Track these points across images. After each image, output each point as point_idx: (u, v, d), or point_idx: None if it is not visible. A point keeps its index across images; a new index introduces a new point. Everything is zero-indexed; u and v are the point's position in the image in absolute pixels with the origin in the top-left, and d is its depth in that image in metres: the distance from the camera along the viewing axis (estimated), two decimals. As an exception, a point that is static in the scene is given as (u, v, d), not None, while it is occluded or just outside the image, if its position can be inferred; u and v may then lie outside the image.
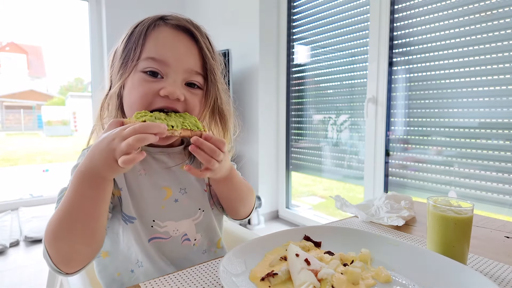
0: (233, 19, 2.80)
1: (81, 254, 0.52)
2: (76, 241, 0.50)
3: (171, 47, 0.62)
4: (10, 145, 9.76)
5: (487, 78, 1.54)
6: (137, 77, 0.61)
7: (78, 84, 13.44)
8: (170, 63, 0.61)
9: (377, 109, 2.00)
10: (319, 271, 0.48)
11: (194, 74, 0.64)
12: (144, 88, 0.60)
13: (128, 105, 0.63)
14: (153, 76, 0.61)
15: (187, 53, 0.63)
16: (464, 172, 1.64)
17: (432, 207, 0.59)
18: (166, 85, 0.60)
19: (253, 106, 2.64)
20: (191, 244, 0.68)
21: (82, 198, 0.49)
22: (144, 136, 0.45)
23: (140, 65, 0.61)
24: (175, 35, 0.63)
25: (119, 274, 0.66)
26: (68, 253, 0.51)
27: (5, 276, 1.83)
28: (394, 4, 1.89)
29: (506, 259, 0.61)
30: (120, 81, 0.62)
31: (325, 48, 2.34)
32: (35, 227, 2.48)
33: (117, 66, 0.64)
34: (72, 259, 0.52)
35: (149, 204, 0.65)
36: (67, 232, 0.49)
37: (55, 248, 0.50)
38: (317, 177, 2.57)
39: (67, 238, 0.50)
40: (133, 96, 0.61)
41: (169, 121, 0.54)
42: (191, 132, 0.56)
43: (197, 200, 0.70)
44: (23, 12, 9.35)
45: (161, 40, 0.62)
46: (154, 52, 0.61)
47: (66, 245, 0.50)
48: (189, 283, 0.51)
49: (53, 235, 0.50)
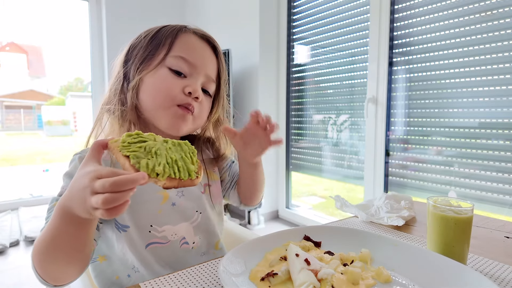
0: (233, 19, 2.80)
1: (68, 274, 0.52)
2: (61, 265, 0.50)
3: (199, 52, 0.67)
4: (10, 145, 9.76)
5: (487, 78, 1.54)
6: (162, 72, 0.64)
7: (78, 84, 13.43)
8: (197, 65, 0.66)
9: (377, 109, 2.00)
10: (319, 271, 0.48)
11: (211, 81, 0.70)
12: (169, 83, 0.64)
13: (151, 97, 0.64)
14: (178, 75, 0.65)
15: (210, 60, 0.69)
16: (464, 172, 1.64)
17: (432, 207, 0.59)
18: (190, 83, 0.64)
19: (253, 106, 2.64)
20: (190, 248, 0.69)
21: (64, 233, 0.46)
22: (114, 197, 0.38)
23: (168, 61, 0.64)
24: (201, 42, 0.69)
25: (118, 277, 0.65)
26: (55, 274, 0.51)
27: (5, 276, 1.83)
28: (394, 4, 1.89)
29: (506, 259, 0.61)
30: (141, 74, 0.64)
31: (325, 48, 2.34)
32: (35, 227, 2.48)
33: (138, 60, 0.65)
34: (60, 278, 0.51)
35: (145, 209, 0.65)
36: (51, 258, 0.49)
37: (41, 268, 0.50)
38: (317, 177, 2.57)
39: (52, 262, 0.49)
40: (159, 88, 0.64)
41: (161, 158, 0.44)
42: (178, 182, 0.44)
43: (194, 202, 0.70)
44: (23, 12, 9.35)
45: (190, 44, 0.67)
46: (184, 53, 0.65)
47: (52, 267, 0.50)
48: (189, 283, 0.51)
49: (39, 257, 0.49)
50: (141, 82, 0.65)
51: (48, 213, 0.57)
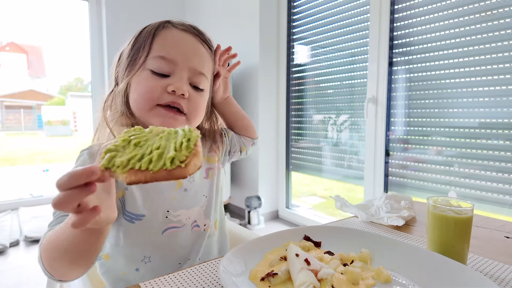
0: (233, 19, 2.80)
1: (75, 273, 0.52)
2: (69, 267, 0.50)
3: (179, 46, 0.64)
4: (10, 145, 9.76)
5: (487, 78, 1.54)
6: (144, 75, 0.63)
7: (78, 84, 13.43)
8: (178, 61, 0.63)
9: (377, 109, 2.00)
10: (319, 271, 0.48)
11: (198, 74, 0.66)
12: (150, 83, 0.62)
13: (135, 101, 0.64)
14: (160, 74, 0.63)
15: (193, 52, 0.66)
16: (464, 172, 1.64)
17: (432, 207, 0.59)
18: (173, 81, 0.62)
19: (253, 106, 2.64)
20: (201, 230, 0.71)
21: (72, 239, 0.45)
22: (65, 196, 0.34)
23: (148, 63, 0.63)
24: (182, 35, 0.66)
25: (125, 273, 0.66)
26: (62, 271, 0.50)
27: (5, 276, 1.83)
28: (394, 4, 1.89)
29: (506, 259, 0.61)
30: (127, 78, 0.64)
31: (325, 48, 2.34)
32: (35, 227, 2.48)
33: (124, 65, 0.66)
34: (66, 275, 0.51)
35: (161, 197, 0.67)
36: (60, 260, 0.48)
37: (49, 266, 0.50)
38: (317, 177, 2.57)
39: (60, 264, 0.49)
40: (140, 92, 0.63)
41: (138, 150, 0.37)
42: (146, 174, 0.35)
43: (201, 187, 0.73)
44: (23, 12, 9.35)
45: (169, 40, 0.65)
46: (163, 51, 0.63)
47: (60, 267, 0.50)
48: (189, 283, 0.51)
49: (46, 255, 0.49)
50: (128, 86, 0.65)
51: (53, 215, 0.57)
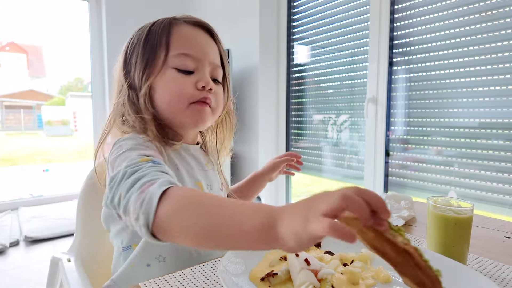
0: (233, 19, 2.80)
1: (184, 242, 0.42)
2: (196, 236, 0.40)
3: (197, 42, 0.65)
4: (10, 145, 9.76)
5: (487, 78, 1.54)
6: (170, 74, 0.62)
7: (78, 84, 13.44)
8: (200, 57, 0.64)
9: (377, 109, 2.00)
10: (319, 271, 0.48)
11: (217, 68, 0.68)
12: (180, 82, 0.62)
13: (167, 102, 0.63)
14: (185, 72, 0.62)
15: (209, 47, 0.66)
16: (464, 172, 1.64)
17: (432, 207, 0.59)
18: (200, 77, 0.63)
19: (253, 106, 2.64)
20: None
21: (241, 228, 0.36)
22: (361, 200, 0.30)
23: (171, 61, 0.62)
24: (196, 31, 0.66)
25: (133, 265, 0.63)
26: (176, 232, 0.41)
27: (5, 276, 1.83)
28: (394, 4, 1.89)
29: (506, 259, 0.61)
30: (148, 81, 0.62)
31: (325, 48, 2.34)
32: (35, 227, 2.48)
33: (141, 67, 0.63)
34: (173, 237, 0.42)
35: None
36: (196, 227, 0.39)
37: (167, 217, 0.40)
38: (317, 177, 2.57)
39: (191, 231, 0.39)
40: (172, 91, 0.62)
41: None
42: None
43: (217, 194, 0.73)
44: (23, 12, 9.34)
45: (186, 36, 0.64)
46: (184, 48, 0.63)
47: (179, 232, 0.41)
48: (189, 283, 0.51)
49: (177, 213, 0.40)
50: (151, 89, 0.63)
51: (128, 161, 0.50)
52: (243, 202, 0.39)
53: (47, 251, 2.17)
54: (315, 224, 0.29)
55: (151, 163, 0.50)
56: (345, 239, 0.28)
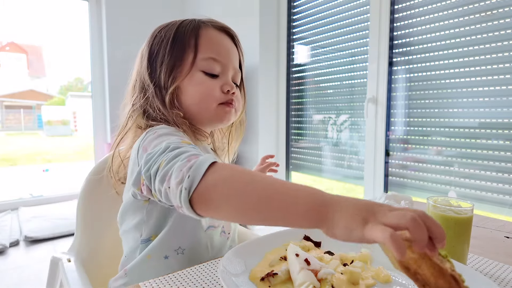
0: (233, 19, 2.80)
1: (225, 217, 0.43)
2: (241, 208, 0.41)
3: (223, 47, 0.68)
4: (10, 145, 9.76)
5: (487, 78, 1.54)
6: (198, 76, 0.65)
7: (78, 84, 13.45)
8: (226, 63, 0.68)
9: (377, 109, 2.00)
10: (319, 271, 0.48)
11: (238, 72, 0.72)
12: (208, 84, 0.66)
13: (196, 102, 0.66)
14: (211, 75, 0.67)
15: (233, 53, 0.70)
16: (464, 172, 1.64)
17: (432, 207, 0.59)
18: (224, 81, 0.67)
19: (253, 106, 2.64)
20: (226, 238, 0.73)
21: (289, 209, 0.37)
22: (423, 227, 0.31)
23: (199, 64, 0.65)
24: (221, 36, 0.69)
25: (150, 257, 0.63)
26: (217, 204, 0.42)
27: (5, 276, 1.83)
28: (394, 4, 1.89)
29: (506, 259, 0.61)
30: (176, 83, 0.65)
31: (325, 48, 2.34)
32: (35, 227, 2.48)
33: (167, 67, 0.65)
34: (213, 210, 0.42)
35: None
36: (245, 197, 0.40)
37: (212, 192, 0.41)
38: (317, 177, 2.57)
39: (233, 200, 0.40)
40: (201, 93, 0.66)
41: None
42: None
43: None
44: (23, 12, 9.35)
45: (215, 41, 0.67)
46: (212, 53, 0.66)
47: (223, 202, 0.41)
48: (189, 283, 0.51)
49: (225, 188, 0.40)
50: (178, 89, 0.66)
51: (167, 144, 0.51)
52: (292, 182, 0.40)
53: (47, 251, 2.18)
54: (374, 230, 0.32)
55: (192, 145, 0.53)
56: (399, 251, 0.30)
